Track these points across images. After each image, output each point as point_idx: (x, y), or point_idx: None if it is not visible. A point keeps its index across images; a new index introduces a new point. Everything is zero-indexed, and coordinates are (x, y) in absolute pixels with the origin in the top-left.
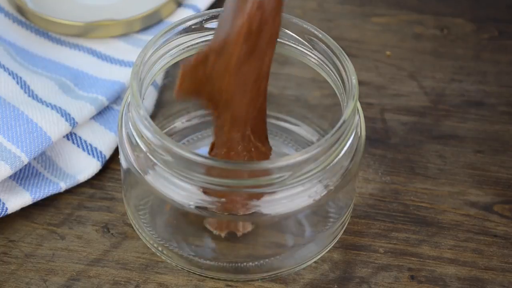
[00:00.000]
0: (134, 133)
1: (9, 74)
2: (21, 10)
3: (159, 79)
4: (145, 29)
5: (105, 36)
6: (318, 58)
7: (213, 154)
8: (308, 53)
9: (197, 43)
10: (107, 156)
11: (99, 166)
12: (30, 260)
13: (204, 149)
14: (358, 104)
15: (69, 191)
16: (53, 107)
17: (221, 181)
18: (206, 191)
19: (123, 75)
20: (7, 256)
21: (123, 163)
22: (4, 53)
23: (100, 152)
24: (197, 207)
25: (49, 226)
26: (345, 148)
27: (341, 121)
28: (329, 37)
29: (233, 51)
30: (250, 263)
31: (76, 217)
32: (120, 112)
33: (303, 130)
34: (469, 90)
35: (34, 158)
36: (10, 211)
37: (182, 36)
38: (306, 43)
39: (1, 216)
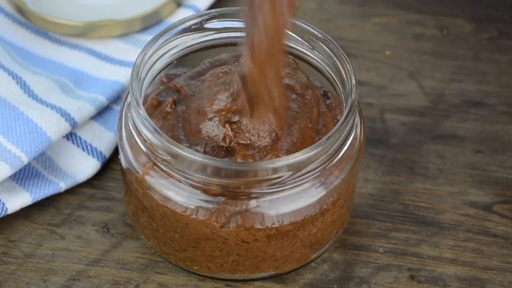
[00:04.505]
0: (134, 133)
1: (9, 74)
2: (21, 10)
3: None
4: (145, 29)
5: (105, 36)
6: (318, 58)
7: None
8: (308, 53)
9: (197, 43)
10: (107, 156)
11: (99, 166)
12: (30, 260)
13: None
14: (358, 104)
15: (69, 191)
16: (53, 107)
17: (221, 181)
18: (206, 191)
19: (123, 75)
20: (7, 256)
21: (123, 163)
22: (4, 53)
23: (100, 152)
24: (197, 207)
25: (49, 226)
26: (345, 148)
27: (340, 121)
28: (329, 37)
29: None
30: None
31: (76, 217)
32: (120, 112)
33: None
34: (469, 90)
35: (34, 158)
36: (10, 211)
37: (182, 36)
38: (306, 43)
39: (1, 216)
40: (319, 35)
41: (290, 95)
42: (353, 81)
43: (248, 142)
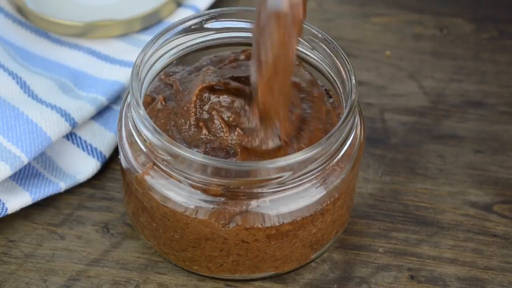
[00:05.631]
0: (134, 133)
1: (9, 74)
2: (21, 10)
3: None
4: (145, 29)
5: (105, 36)
6: (318, 58)
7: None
8: (308, 53)
9: (197, 43)
10: (107, 156)
11: (99, 166)
12: (30, 260)
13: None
14: (358, 104)
15: (69, 191)
16: (53, 107)
17: (221, 181)
18: (206, 191)
19: (123, 75)
20: (7, 256)
21: (123, 163)
22: (4, 53)
23: (100, 152)
24: (197, 207)
25: (49, 226)
26: (345, 148)
27: (340, 121)
28: (328, 37)
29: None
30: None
31: (76, 217)
32: (120, 112)
33: None
34: (468, 90)
35: (34, 158)
36: (10, 211)
37: (182, 36)
38: (306, 43)
39: (1, 216)
40: (319, 35)
41: (298, 94)
42: (353, 81)
43: (251, 147)
